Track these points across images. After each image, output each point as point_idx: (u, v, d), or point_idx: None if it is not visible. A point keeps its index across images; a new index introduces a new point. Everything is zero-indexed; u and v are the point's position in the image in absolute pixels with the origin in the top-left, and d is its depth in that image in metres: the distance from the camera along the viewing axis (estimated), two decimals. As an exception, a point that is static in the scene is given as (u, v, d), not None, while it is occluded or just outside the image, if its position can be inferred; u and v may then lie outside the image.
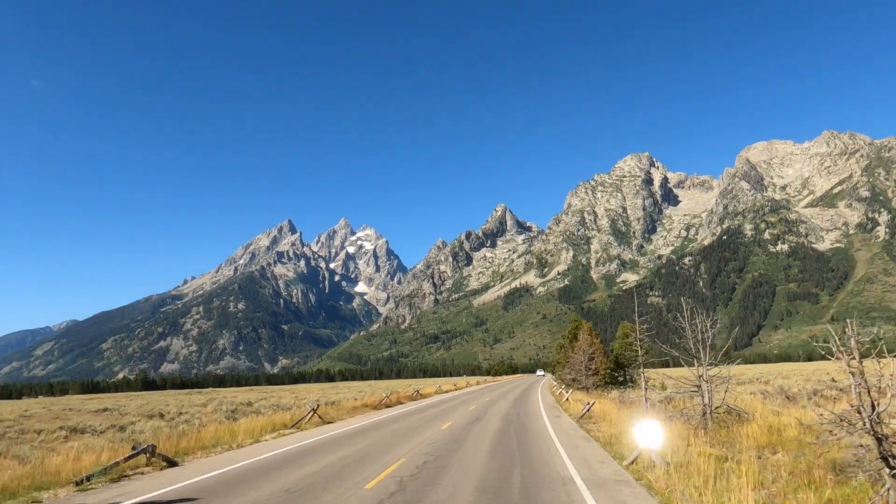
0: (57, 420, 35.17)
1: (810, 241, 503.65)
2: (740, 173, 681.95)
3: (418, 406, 40.52)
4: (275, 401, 49.16)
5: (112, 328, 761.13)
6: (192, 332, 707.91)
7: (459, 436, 20.49)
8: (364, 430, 23.24)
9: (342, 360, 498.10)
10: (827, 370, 76.76)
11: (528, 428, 23.15)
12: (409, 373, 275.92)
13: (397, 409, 37.30)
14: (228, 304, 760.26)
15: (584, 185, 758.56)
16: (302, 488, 12.15)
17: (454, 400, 47.96)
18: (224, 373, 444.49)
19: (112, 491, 12.42)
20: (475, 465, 14.62)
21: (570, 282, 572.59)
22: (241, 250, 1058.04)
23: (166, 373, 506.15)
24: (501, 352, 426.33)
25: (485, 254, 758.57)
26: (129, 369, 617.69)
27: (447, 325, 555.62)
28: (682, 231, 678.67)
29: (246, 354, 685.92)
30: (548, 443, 18.39)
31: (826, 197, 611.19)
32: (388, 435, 21.34)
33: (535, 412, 32.16)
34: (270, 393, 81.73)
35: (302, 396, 61.56)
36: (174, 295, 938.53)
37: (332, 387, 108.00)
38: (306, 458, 16.21)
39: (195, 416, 34.23)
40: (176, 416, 34.81)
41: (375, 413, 33.86)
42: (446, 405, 40.50)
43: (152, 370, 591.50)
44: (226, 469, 14.90)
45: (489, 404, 40.12)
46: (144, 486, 12.92)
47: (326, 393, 70.28)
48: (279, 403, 42.03)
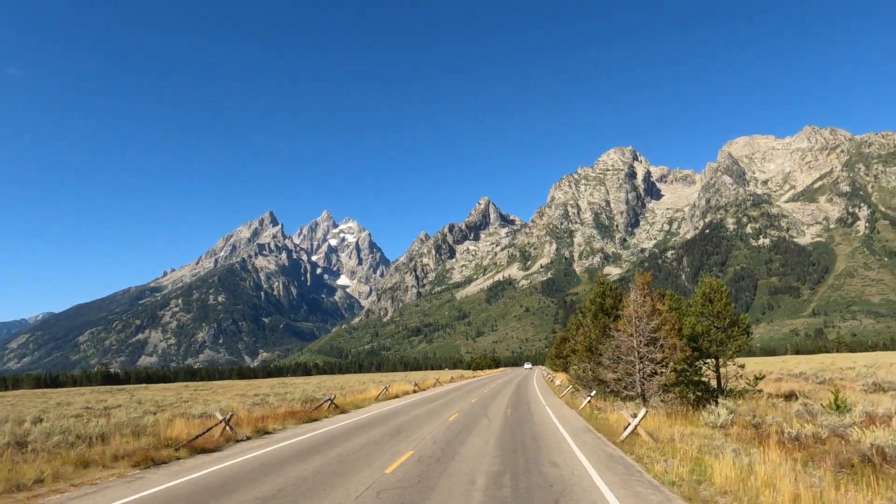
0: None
1: (791, 235, 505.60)
2: (723, 168, 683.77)
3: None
4: (200, 406, 31.52)
5: (89, 321, 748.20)
6: (170, 325, 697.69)
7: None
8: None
9: (323, 354, 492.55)
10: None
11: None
12: (390, 366, 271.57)
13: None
14: (208, 296, 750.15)
15: (567, 179, 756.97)
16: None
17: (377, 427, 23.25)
18: (202, 366, 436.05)
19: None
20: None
21: (554, 275, 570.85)
22: (222, 242, 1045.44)
23: (144, 366, 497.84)
24: (484, 345, 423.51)
25: (468, 247, 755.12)
26: (107, 362, 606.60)
27: (429, 318, 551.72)
28: (665, 225, 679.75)
29: (226, 348, 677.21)
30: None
31: (807, 192, 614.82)
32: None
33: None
34: (209, 392, 63.37)
35: (245, 393, 51.72)
36: (153, 287, 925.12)
37: (281, 383, 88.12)
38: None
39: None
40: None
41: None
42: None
43: (130, 363, 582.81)
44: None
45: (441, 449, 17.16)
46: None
47: (254, 394, 50.29)
48: (188, 412, 26.43)
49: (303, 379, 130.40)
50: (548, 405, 32.05)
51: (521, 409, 30.10)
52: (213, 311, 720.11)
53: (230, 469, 13.97)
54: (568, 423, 22.66)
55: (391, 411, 29.87)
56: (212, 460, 15.33)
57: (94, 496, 11.41)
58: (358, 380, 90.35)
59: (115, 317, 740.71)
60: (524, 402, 34.60)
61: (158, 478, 13.11)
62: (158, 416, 24.77)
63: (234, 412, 22.01)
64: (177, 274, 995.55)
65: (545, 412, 27.83)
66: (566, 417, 25.38)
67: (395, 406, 33.63)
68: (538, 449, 16.24)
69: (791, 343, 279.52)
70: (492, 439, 18.27)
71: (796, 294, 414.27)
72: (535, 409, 30.01)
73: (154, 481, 12.71)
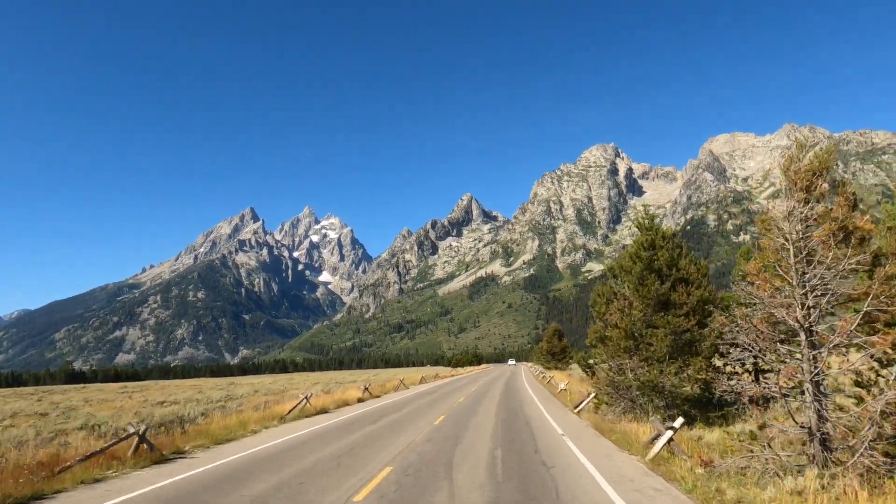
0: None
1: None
2: (704, 165, 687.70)
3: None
4: (105, 417, 25.13)
5: (66, 317, 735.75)
6: (149, 322, 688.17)
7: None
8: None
9: (304, 351, 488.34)
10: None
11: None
12: (371, 363, 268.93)
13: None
14: (187, 293, 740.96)
15: (550, 175, 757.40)
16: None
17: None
18: (182, 364, 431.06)
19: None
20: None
21: (536, 271, 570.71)
22: (202, 238, 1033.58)
23: (122, 364, 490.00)
24: (466, 341, 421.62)
25: (450, 243, 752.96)
26: (83, 360, 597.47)
27: (412, 315, 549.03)
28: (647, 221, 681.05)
29: (206, 345, 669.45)
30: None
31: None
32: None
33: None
34: (123, 396, 51.18)
35: (165, 399, 40.52)
36: (131, 284, 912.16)
37: (230, 382, 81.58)
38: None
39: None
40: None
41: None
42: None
43: (108, 361, 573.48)
44: None
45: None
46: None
47: (172, 399, 40.22)
48: (90, 423, 22.14)
49: (270, 378, 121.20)
50: (581, 451, 14.74)
51: (522, 448, 15.38)
52: (193, 308, 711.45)
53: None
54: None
55: (249, 463, 14.56)
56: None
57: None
58: (321, 379, 78.96)
59: (92, 314, 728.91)
60: (523, 430, 19.00)
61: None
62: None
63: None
64: (156, 270, 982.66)
65: (579, 470, 12.49)
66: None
67: (280, 444, 17.59)
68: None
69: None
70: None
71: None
72: (552, 452, 14.73)
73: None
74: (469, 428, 19.86)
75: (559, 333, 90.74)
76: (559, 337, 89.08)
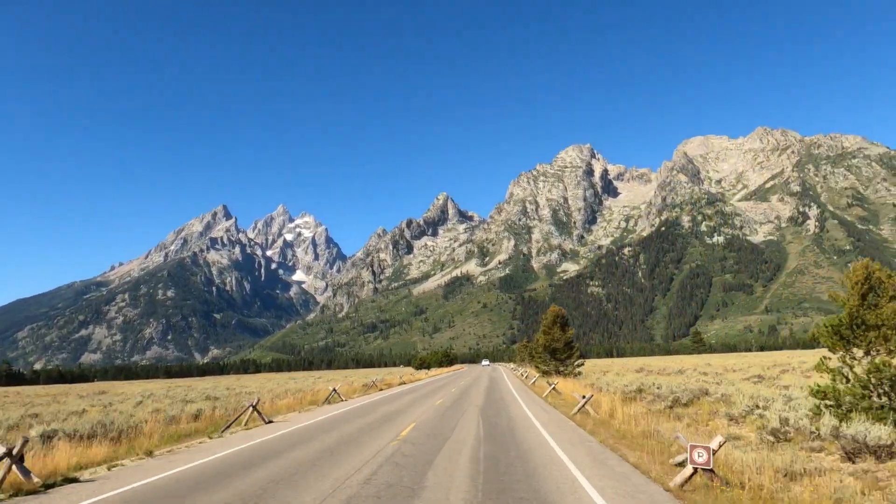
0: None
1: (745, 233, 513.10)
2: (678, 166, 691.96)
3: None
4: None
5: (29, 316, 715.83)
6: (116, 321, 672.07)
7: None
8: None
9: (275, 350, 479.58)
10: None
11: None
12: (341, 363, 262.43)
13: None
14: (157, 291, 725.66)
15: (526, 175, 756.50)
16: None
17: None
18: (149, 363, 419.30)
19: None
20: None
21: (511, 271, 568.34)
22: (173, 236, 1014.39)
23: (87, 363, 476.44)
24: (441, 341, 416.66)
25: (426, 242, 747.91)
26: (47, 360, 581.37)
27: (386, 314, 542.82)
28: (622, 222, 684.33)
29: (175, 344, 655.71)
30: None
31: (759, 191, 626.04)
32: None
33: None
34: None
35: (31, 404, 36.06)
36: (99, 282, 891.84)
37: (174, 385, 68.91)
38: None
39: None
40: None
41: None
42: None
43: (72, 361, 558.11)
44: None
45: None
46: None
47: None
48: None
49: (226, 380, 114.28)
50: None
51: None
52: (162, 307, 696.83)
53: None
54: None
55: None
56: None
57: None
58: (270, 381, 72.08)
59: (57, 312, 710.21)
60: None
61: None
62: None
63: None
64: (124, 268, 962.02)
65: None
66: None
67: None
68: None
69: (744, 340, 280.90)
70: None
71: (749, 291, 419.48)
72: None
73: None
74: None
75: (562, 321, 57.39)
76: (562, 326, 56.43)
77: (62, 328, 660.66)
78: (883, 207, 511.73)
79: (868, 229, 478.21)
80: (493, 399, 33.07)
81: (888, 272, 14.71)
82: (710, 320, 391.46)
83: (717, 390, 25.40)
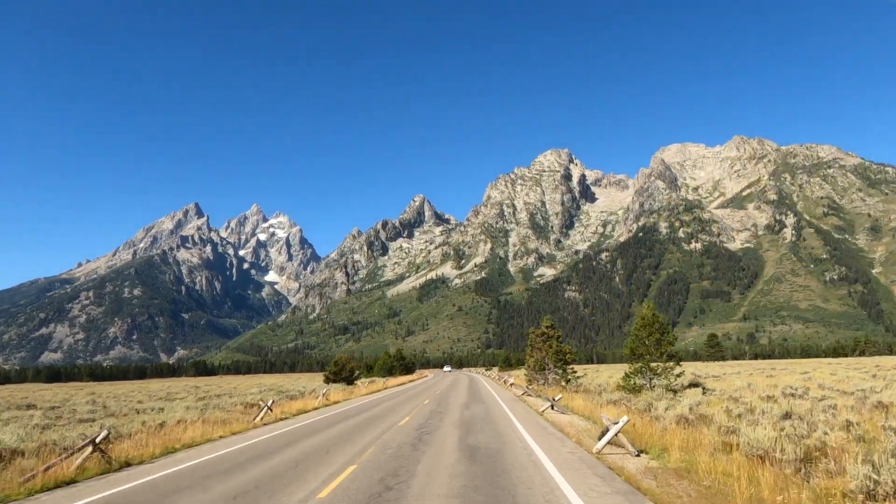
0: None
1: (722, 240, 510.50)
2: (656, 173, 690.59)
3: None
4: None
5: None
6: (79, 319, 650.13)
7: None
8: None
9: (243, 352, 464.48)
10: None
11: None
12: (306, 366, 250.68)
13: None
14: (123, 289, 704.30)
15: (504, 178, 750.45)
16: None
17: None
18: (113, 363, 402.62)
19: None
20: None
21: (488, 274, 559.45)
22: (143, 233, 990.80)
23: (47, 363, 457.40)
24: (414, 344, 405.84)
25: (401, 244, 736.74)
26: (4, 358, 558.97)
27: (359, 316, 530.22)
28: (600, 227, 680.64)
29: (140, 344, 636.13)
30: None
31: (736, 199, 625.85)
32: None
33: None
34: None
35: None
36: (64, 279, 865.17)
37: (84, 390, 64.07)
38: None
39: None
40: None
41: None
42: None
43: (31, 360, 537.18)
44: None
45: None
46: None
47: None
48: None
49: (165, 382, 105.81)
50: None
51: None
52: (128, 305, 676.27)
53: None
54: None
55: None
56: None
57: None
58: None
59: (18, 309, 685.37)
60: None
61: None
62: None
63: None
64: (91, 265, 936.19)
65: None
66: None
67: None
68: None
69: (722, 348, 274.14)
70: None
71: (727, 298, 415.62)
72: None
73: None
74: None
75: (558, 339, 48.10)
76: (557, 339, 47.71)
77: (21, 326, 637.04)
78: (858, 217, 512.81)
79: (844, 238, 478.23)
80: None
81: None
82: (687, 327, 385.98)
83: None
